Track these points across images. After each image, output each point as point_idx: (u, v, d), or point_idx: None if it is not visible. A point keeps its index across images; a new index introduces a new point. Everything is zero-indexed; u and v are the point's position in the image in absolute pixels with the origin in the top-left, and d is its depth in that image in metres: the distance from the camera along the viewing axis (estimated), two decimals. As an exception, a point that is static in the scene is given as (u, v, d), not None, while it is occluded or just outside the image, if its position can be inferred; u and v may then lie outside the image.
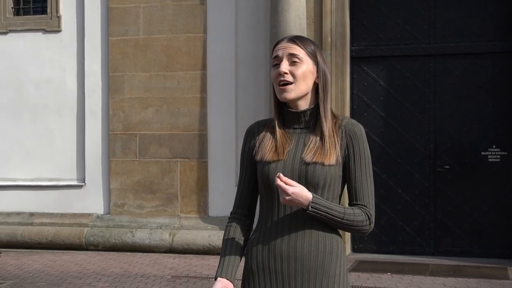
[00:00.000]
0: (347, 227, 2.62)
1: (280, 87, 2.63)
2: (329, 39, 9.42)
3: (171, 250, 9.80)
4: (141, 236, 9.94)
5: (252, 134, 2.78)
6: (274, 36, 9.08)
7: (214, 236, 9.70)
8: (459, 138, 9.34)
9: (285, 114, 2.70)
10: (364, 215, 2.62)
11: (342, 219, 2.58)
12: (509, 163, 9.17)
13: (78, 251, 10.03)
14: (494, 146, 9.19)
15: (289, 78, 2.63)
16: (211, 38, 9.94)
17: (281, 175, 2.51)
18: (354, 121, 2.71)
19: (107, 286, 7.77)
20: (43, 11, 10.60)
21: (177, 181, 10.08)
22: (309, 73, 2.64)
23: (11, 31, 10.62)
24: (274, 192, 2.62)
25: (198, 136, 10.01)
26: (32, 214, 10.53)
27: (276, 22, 9.13)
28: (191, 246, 9.75)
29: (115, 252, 9.91)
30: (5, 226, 10.34)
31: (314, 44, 2.70)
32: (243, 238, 2.76)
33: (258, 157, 2.70)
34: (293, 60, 2.63)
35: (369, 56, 9.62)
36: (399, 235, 9.43)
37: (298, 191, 2.49)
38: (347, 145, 2.63)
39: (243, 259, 2.76)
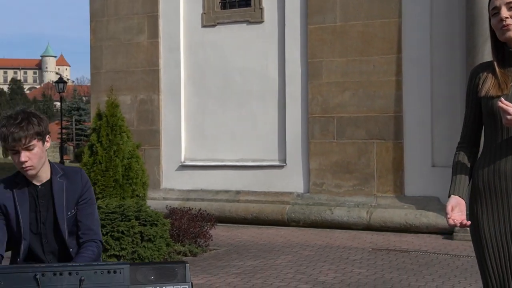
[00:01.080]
0: None
1: (503, 28, 2.94)
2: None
3: (369, 227, 10.19)
4: (340, 214, 10.43)
5: (475, 75, 3.10)
6: (470, 18, 9.19)
7: (411, 215, 9.96)
8: None
9: (505, 54, 3.00)
10: None
11: None
12: None
13: (280, 227, 10.72)
14: None
15: (509, 21, 2.93)
16: (406, 23, 10.20)
17: (503, 99, 2.82)
18: None
19: (313, 254, 8.33)
20: (247, 4, 11.45)
21: (374, 162, 10.46)
22: None
23: (219, 23, 11.59)
24: (498, 122, 2.92)
25: (393, 118, 10.32)
26: (238, 192, 11.39)
27: (473, 4, 9.20)
28: (388, 224, 10.08)
29: (315, 229, 10.48)
30: (214, 203, 11.27)
31: None
32: (470, 163, 3.07)
33: (482, 93, 3.01)
34: (510, 6, 2.93)
35: None
36: None
37: None
38: None
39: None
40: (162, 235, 7.79)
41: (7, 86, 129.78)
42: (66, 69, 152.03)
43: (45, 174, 3.07)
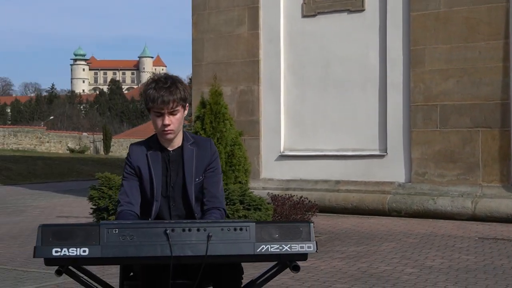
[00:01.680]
0: None
1: None
2: None
3: (474, 217, 9.94)
4: (443, 204, 10.23)
5: None
6: None
7: (518, 205, 9.64)
8: None
9: None
10: None
11: None
12: None
13: (381, 217, 10.62)
14: None
15: None
16: (515, 6, 9.88)
17: None
18: None
19: (417, 241, 8.21)
20: (348, -8, 11.39)
21: (479, 150, 10.19)
22: None
23: (319, 13, 11.59)
24: None
25: (500, 105, 10.02)
26: (338, 182, 11.36)
27: None
28: (494, 214, 9.80)
29: (417, 218, 10.31)
30: (313, 192, 11.27)
31: None
32: None
33: None
34: None
35: None
36: None
37: None
38: None
39: None
40: (266, 220, 7.88)
41: (107, 86, 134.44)
42: (162, 69, 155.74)
43: (178, 140, 3.17)
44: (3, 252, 7.66)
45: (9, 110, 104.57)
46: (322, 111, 11.56)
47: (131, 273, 3.13)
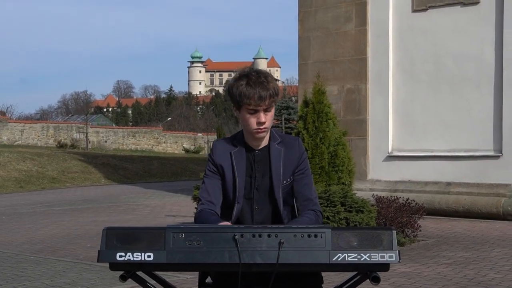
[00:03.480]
0: None
1: None
2: None
3: None
4: None
5: None
6: None
7: None
8: None
9: None
10: None
11: None
12: None
13: (495, 221, 10.06)
14: None
15: None
16: None
17: None
18: None
19: (533, 248, 7.68)
20: (461, -15, 10.87)
21: None
22: None
23: (430, 7, 11.12)
24: None
25: None
26: (449, 184, 10.86)
27: None
28: None
29: (537, 224, 9.69)
30: (422, 194, 10.83)
31: None
32: None
33: None
34: None
35: None
36: None
37: None
38: None
39: None
40: (368, 223, 7.61)
41: (222, 88, 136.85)
42: (277, 70, 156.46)
43: (265, 139, 2.96)
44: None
45: (130, 112, 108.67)
46: (433, 109, 11.10)
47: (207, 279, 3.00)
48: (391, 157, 11.51)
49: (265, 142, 2.95)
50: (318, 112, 8.52)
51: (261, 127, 2.84)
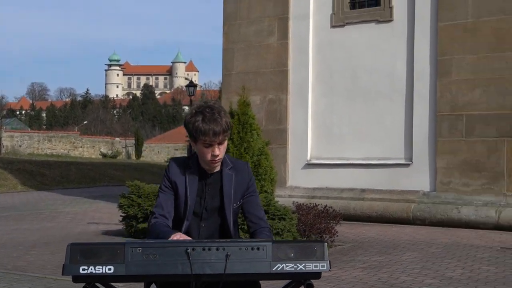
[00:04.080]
0: None
1: None
2: None
3: (497, 227, 9.99)
4: (467, 213, 10.29)
5: None
6: None
7: (544, 216, 9.66)
8: None
9: None
10: None
11: None
12: None
13: (405, 225, 10.72)
14: None
15: None
16: (542, 17, 9.91)
17: None
18: None
19: (439, 251, 8.30)
20: (377, 3, 11.52)
21: (504, 160, 10.24)
22: None
23: (347, 23, 11.73)
24: None
25: (527, 116, 10.05)
26: (363, 190, 11.48)
27: None
28: (519, 224, 9.84)
29: (440, 227, 10.39)
30: (339, 201, 11.40)
31: None
32: None
33: None
34: None
35: None
36: None
37: None
38: None
39: None
40: (290, 229, 8.05)
41: (140, 91, 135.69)
42: (195, 74, 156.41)
43: (218, 165, 3.27)
44: (34, 260, 7.91)
45: (44, 115, 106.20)
46: (349, 120, 11.70)
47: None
48: (309, 165, 12.04)
49: (217, 167, 3.29)
50: (243, 123, 8.90)
51: (215, 159, 3.17)
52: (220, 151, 3.16)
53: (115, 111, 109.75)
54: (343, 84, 11.77)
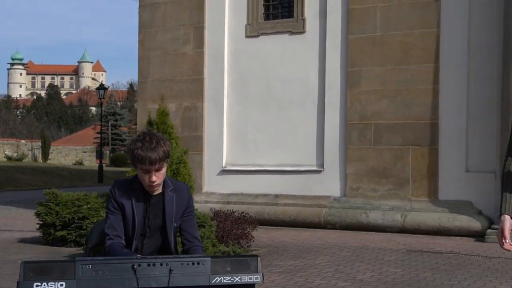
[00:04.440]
0: None
1: None
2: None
3: (403, 230, 10.59)
4: (375, 217, 10.85)
5: None
6: (508, 28, 9.54)
7: (444, 218, 10.33)
8: None
9: None
10: None
11: None
12: None
13: (317, 229, 11.18)
14: None
15: None
16: (444, 33, 10.60)
17: None
18: None
19: (350, 254, 8.76)
20: (290, 15, 11.95)
21: (409, 167, 10.85)
22: None
23: (262, 34, 12.10)
24: None
25: (429, 125, 10.71)
26: (277, 196, 11.87)
27: (511, 15, 9.55)
28: (421, 227, 10.46)
29: (350, 231, 10.91)
30: (253, 206, 11.73)
31: None
32: None
33: None
34: None
35: None
36: None
37: None
38: None
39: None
40: (209, 236, 8.30)
41: (45, 91, 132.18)
42: (102, 74, 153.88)
43: (160, 188, 3.53)
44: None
45: None
46: (263, 128, 12.07)
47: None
48: (225, 171, 12.32)
49: (159, 190, 3.52)
50: (162, 132, 9.07)
51: (153, 184, 3.42)
52: (157, 177, 3.42)
53: (18, 112, 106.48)
54: (258, 92, 12.12)
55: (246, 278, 2.97)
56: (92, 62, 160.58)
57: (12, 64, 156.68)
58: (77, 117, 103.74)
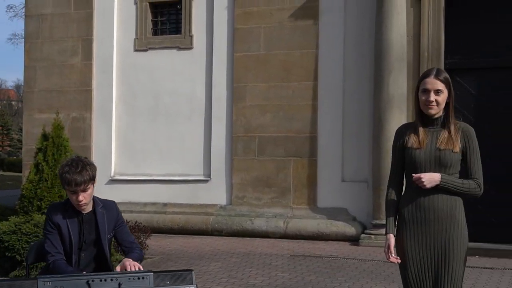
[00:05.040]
0: (465, 192, 3.98)
1: (428, 105, 4.00)
2: (426, 54, 10.80)
3: (285, 236, 11.37)
4: (259, 224, 11.58)
5: (402, 133, 4.11)
6: (379, 52, 10.57)
7: (322, 224, 11.22)
8: (543, 141, 10.50)
9: (424, 119, 4.08)
10: (476, 184, 4.00)
11: (462, 187, 3.96)
12: None
13: (205, 236, 11.76)
14: None
15: (433, 104, 4.00)
16: (322, 53, 11.50)
17: (414, 175, 3.90)
18: (467, 125, 4.08)
19: (239, 260, 9.41)
20: (178, 31, 12.45)
21: (290, 177, 11.67)
22: (445, 99, 3.99)
23: (150, 48, 12.53)
24: (417, 168, 3.96)
25: (309, 138, 11.58)
26: (165, 204, 12.33)
27: (380, 40, 10.59)
28: (302, 232, 11.30)
29: (237, 237, 11.57)
30: (142, 214, 12.12)
31: (448, 77, 4.01)
32: (397, 198, 4.10)
33: (408, 145, 4.04)
34: (437, 92, 3.97)
35: (462, 68, 10.91)
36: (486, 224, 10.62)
37: (428, 176, 3.89)
38: (464, 140, 3.99)
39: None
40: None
41: None
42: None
43: (89, 206, 4.11)
44: None
45: None
46: (152, 139, 12.49)
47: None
48: (113, 181, 12.63)
49: (90, 208, 4.07)
50: (57, 146, 9.31)
51: (80, 203, 3.96)
52: (84, 197, 3.99)
53: None
54: (146, 104, 12.53)
55: (182, 289, 3.51)
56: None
57: None
58: None
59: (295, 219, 11.48)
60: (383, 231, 10.12)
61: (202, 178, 12.26)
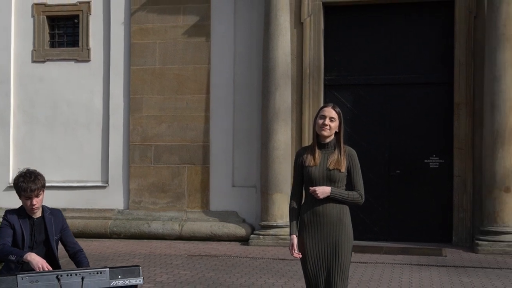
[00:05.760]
0: (350, 201, 5.10)
1: (322, 128, 5.10)
2: (308, 71, 12.03)
3: (180, 237, 12.25)
4: (156, 227, 12.39)
5: (300, 154, 5.21)
6: (266, 69, 11.69)
7: (215, 226, 12.20)
8: (408, 149, 12.02)
9: (319, 143, 5.16)
10: (358, 195, 5.14)
11: (348, 197, 5.08)
12: (445, 168, 11.89)
13: (104, 239, 12.42)
14: (434, 156, 11.91)
15: (327, 127, 5.11)
16: (214, 68, 12.50)
17: (310, 188, 5.01)
18: (351, 149, 5.20)
19: (142, 261, 10.20)
20: (75, 44, 13.03)
21: (185, 183, 12.57)
22: (336, 126, 5.10)
23: (48, 60, 13.03)
24: (313, 182, 5.05)
25: (202, 147, 12.53)
26: (64, 210, 12.77)
27: (267, 58, 11.71)
28: (196, 234, 12.23)
29: (135, 240, 12.32)
30: (40, 220, 12.59)
31: (340, 112, 5.13)
32: (298, 207, 5.18)
33: (305, 164, 5.14)
34: (331, 119, 5.10)
35: (339, 84, 12.25)
36: (359, 225, 12.02)
37: (321, 189, 4.99)
38: (348, 160, 5.11)
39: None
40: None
41: None
42: None
43: (39, 211, 4.89)
44: None
45: None
46: (50, 147, 12.99)
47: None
48: (11, 187, 12.93)
49: (39, 213, 4.86)
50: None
51: (33, 207, 4.78)
52: (36, 202, 4.83)
53: None
54: (44, 114, 13.02)
55: (132, 281, 4.38)
56: None
57: None
58: None
59: (189, 221, 12.38)
60: (270, 231, 11.43)
61: (100, 184, 12.90)
